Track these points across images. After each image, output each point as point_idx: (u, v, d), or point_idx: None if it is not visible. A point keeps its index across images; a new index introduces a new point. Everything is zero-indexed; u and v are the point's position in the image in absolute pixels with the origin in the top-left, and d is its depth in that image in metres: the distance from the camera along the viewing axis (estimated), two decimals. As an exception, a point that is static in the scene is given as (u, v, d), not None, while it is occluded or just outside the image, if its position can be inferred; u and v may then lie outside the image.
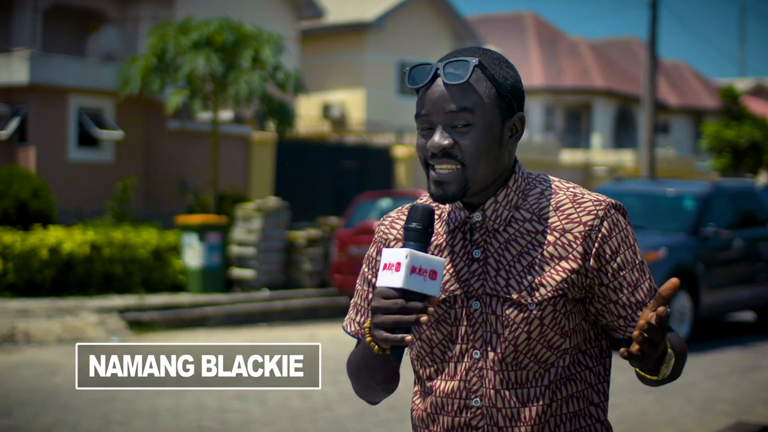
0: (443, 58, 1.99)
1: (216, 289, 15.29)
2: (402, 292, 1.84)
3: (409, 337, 1.85)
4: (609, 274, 1.99)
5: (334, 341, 12.17)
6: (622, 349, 1.87)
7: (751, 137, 30.56)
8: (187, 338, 12.44)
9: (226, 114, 20.21)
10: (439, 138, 1.95)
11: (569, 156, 34.04)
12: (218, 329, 13.42)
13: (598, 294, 2.00)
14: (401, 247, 1.91)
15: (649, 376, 1.98)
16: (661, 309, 1.80)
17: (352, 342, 2.21)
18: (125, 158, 19.58)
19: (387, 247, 2.10)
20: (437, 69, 1.97)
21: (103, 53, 21.04)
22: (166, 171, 20.43)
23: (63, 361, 10.16)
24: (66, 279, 14.23)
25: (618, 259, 1.99)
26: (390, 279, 1.85)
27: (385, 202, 15.91)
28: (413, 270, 1.84)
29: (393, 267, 1.85)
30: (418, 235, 1.90)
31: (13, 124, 18.39)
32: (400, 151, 25.11)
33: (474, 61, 1.96)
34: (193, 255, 15.26)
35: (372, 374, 2.03)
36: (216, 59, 16.19)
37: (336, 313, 15.22)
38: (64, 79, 18.65)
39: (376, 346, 1.93)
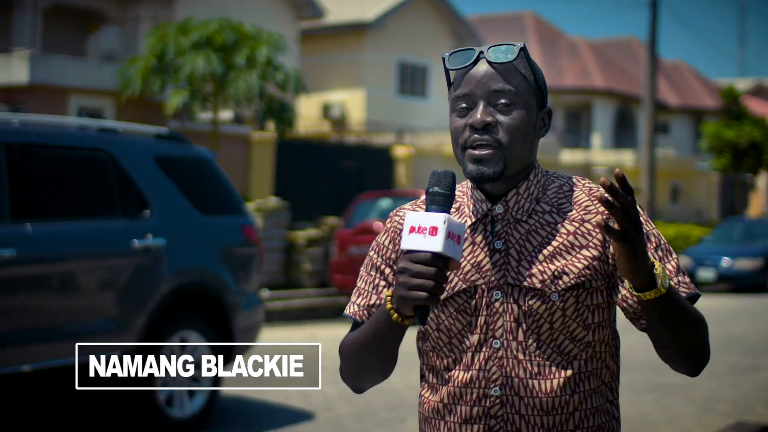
0: (484, 45, 2.05)
1: (216, 289, 15.28)
2: (434, 257, 1.85)
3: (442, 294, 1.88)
4: None
5: (334, 341, 12.14)
6: (598, 219, 1.82)
7: (751, 137, 30.57)
8: (187, 338, 12.43)
9: (226, 114, 20.22)
10: (482, 113, 1.98)
11: (569, 156, 34.06)
12: (218, 329, 13.41)
13: (619, 279, 2.01)
14: (425, 211, 1.91)
15: (646, 296, 1.86)
16: (617, 170, 1.80)
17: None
18: (125, 158, 19.57)
19: (402, 235, 2.09)
20: (480, 52, 2.02)
21: (103, 53, 21.04)
22: (166, 171, 20.41)
23: (63, 361, 10.14)
24: (66, 279, 14.22)
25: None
26: (424, 243, 1.85)
27: (385, 202, 15.91)
28: (449, 235, 1.85)
29: (426, 231, 1.85)
30: (444, 199, 1.90)
31: (13, 124, 18.39)
32: (400, 151, 25.10)
33: (519, 44, 2.02)
34: (193, 255, 15.25)
35: (379, 349, 2.01)
36: (216, 59, 16.20)
37: (336, 313, 15.22)
38: (64, 79, 18.65)
39: (396, 314, 1.92)
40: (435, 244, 1.84)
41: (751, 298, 19.13)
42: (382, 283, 2.12)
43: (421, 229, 1.85)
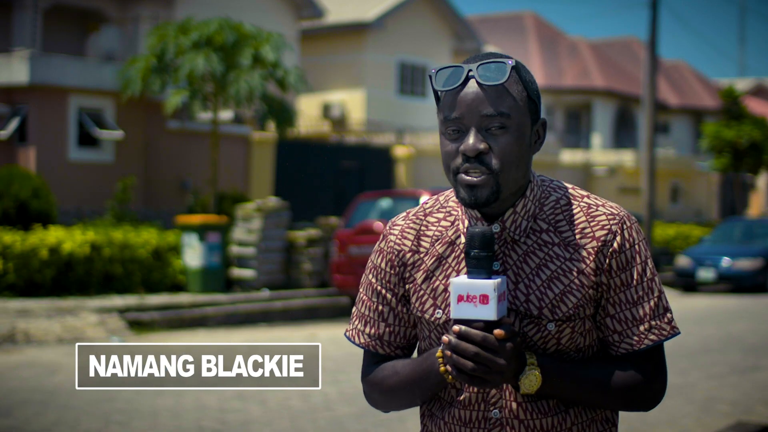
0: (472, 60, 1.96)
1: (216, 289, 15.29)
2: (488, 324, 1.85)
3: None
4: (612, 289, 1.97)
5: (334, 341, 12.16)
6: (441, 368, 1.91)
7: (751, 137, 30.55)
8: (187, 338, 12.43)
9: (226, 114, 20.22)
10: (474, 141, 1.91)
11: (569, 156, 34.03)
12: (218, 329, 13.41)
13: (601, 306, 1.99)
14: (468, 275, 1.88)
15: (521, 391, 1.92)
16: (456, 328, 1.85)
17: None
18: (125, 158, 19.58)
19: (400, 259, 2.07)
20: (470, 71, 1.93)
21: (103, 53, 21.04)
22: (166, 171, 20.43)
23: (63, 361, 10.15)
24: (66, 279, 14.23)
25: (623, 275, 1.97)
26: (477, 312, 1.84)
27: (385, 202, 15.90)
28: (499, 299, 1.85)
29: (476, 299, 1.84)
30: (486, 262, 1.88)
31: (13, 124, 18.39)
32: (400, 151, 25.10)
33: (510, 62, 1.93)
34: (193, 255, 15.26)
35: (424, 395, 2.04)
36: (216, 59, 16.19)
37: (336, 313, 15.21)
38: (64, 79, 18.65)
39: (451, 377, 1.93)
40: (488, 312, 1.84)
41: (751, 298, 19.12)
42: (386, 309, 2.09)
43: (470, 298, 1.84)
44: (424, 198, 14.55)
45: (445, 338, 1.86)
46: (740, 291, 20.33)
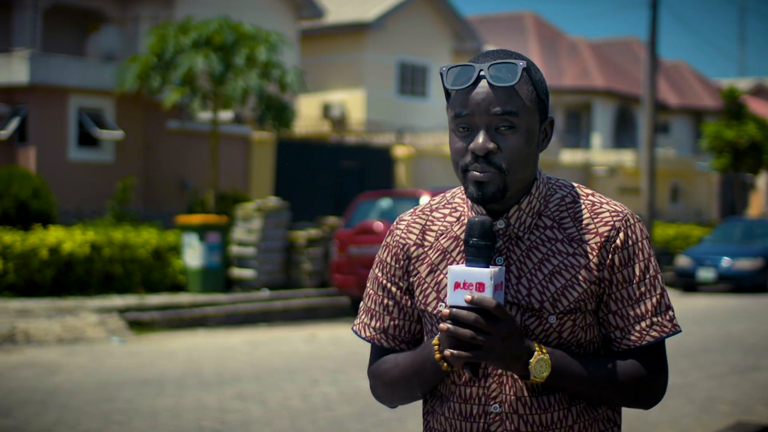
0: (483, 57, 1.98)
1: (216, 289, 15.30)
2: (481, 311, 1.86)
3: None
4: (614, 285, 1.99)
5: (334, 341, 12.16)
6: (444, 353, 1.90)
7: (751, 137, 30.56)
8: (187, 338, 12.43)
9: (226, 114, 20.23)
10: (483, 140, 1.94)
11: (569, 156, 34.05)
12: (218, 329, 13.41)
13: (603, 303, 2.01)
14: (466, 263, 1.91)
15: (528, 382, 1.95)
16: (445, 311, 1.87)
17: (352, 341, 2.19)
18: (125, 158, 19.59)
19: (405, 252, 2.10)
20: (481, 70, 1.95)
21: (103, 53, 21.04)
22: (166, 171, 20.43)
23: (63, 361, 10.16)
24: (66, 279, 14.23)
25: (625, 271, 1.99)
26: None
27: (385, 202, 15.90)
28: (495, 288, 1.87)
29: (473, 287, 1.86)
30: (485, 251, 1.90)
31: (13, 124, 18.40)
32: (400, 151, 25.10)
33: (522, 63, 1.94)
34: (193, 255, 15.27)
35: (423, 387, 2.05)
36: (215, 58, 16.20)
37: (336, 313, 15.21)
38: (64, 79, 18.65)
39: (446, 364, 1.95)
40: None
41: (751, 298, 19.13)
42: (391, 303, 2.11)
43: (466, 285, 1.86)
44: (424, 198, 14.54)
45: (442, 326, 1.88)
46: (740, 291, 20.34)
